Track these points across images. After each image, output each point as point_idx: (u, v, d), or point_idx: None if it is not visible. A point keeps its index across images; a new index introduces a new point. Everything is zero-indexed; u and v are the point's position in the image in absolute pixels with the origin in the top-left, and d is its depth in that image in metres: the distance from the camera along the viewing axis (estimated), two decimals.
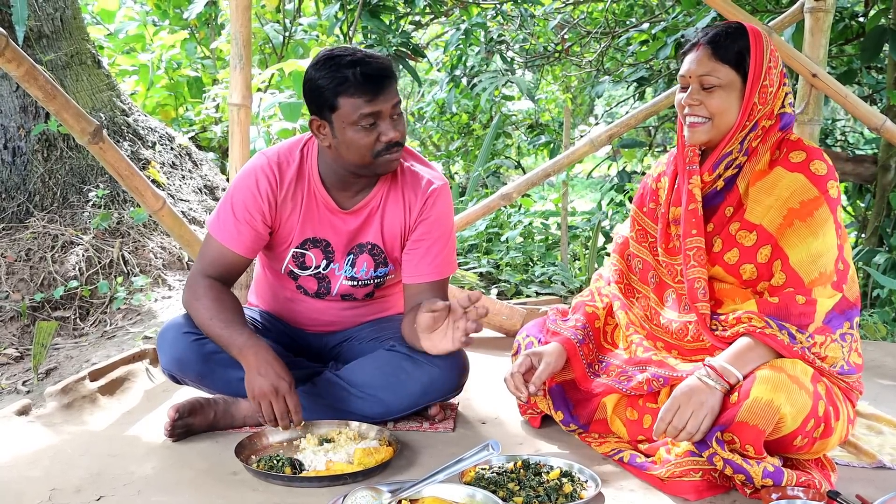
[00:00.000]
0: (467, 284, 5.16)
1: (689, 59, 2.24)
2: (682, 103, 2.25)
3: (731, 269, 2.25)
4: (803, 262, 2.15)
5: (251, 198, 2.48)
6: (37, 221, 4.45)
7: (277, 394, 2.26)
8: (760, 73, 2.18)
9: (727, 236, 2.26)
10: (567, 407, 2.46)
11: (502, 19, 7.34)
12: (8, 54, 2.68)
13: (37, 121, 4.59)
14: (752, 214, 2.22)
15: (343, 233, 2.55)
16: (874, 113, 3.70)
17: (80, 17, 4.93)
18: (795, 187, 2.18)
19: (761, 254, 2.20)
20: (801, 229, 2.15)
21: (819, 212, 2.16)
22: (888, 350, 3.62)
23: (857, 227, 6.05)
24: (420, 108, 10.15)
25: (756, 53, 2.18)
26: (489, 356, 3.34)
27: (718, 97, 2.19)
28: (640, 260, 2.50)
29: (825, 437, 2.08)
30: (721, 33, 2.22)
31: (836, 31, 5.02)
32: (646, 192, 2.50)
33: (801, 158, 2.20)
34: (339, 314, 2.70)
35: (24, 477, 2.16)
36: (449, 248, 2.59)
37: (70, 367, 3.59)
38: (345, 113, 2.34)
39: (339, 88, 2.32)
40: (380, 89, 2.33)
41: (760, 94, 2.19)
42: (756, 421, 1.98)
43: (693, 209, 2.27)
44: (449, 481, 1.98)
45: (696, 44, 2.24)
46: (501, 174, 9.43)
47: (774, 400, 1.97)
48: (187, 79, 6.43)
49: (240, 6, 3.32)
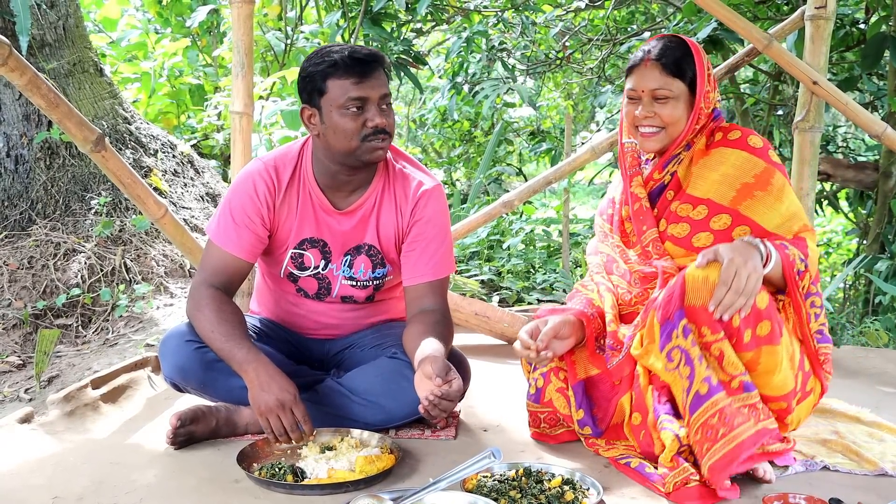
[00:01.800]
0: (469, 292, 5.16)
1: (640, 75, 2.40)
2: (638, 115, 2.41)
3: (681, 241, 2.38)
4: (781, 226, 2.31)
5: (249, 202, 2.51)
6: (39, 229, 4.46)
7: (284, 407, 2.26)
8: (704, 81, 2.39)
9: (670, 214, 2.41)
10: (588, 407, 2.44)
11: (504, 27, 7.36)
12: (11, 63, 2.69)
13: (39, 129, 4.60)
14: (695, 189, 2.38)
15: (339, 233, 2.57)
16: (875, 120, 3.70)
17: (82, 26, 4.94)
18: (740, 163, 2.35)
19: (716, 222, 2.34)
20: (766, 198, 2.31)
21: (774, 179, 2.33)
22: (890, 357, 3.62)
23: (858, 234, 6.05)
24: (422, 115, 10.17)
25: (699, 65, 2.39)
26: (491, 364, 3.34)
27: (671, 108, 2.38)
28: (605, 255, 2.60)
29: (771, 341, 2.11)
30: (665, 48, 2.39)
31: (836, 38, 5.03)
32: (607, 203, 2.67)
33: (738, 136, 2.40)
34: (340, 317, 2.70)
35: (26, 485, 2.16)
36: (445, 248, 2.60)
37: (72, 374, 3.59)
38: (333, 96, 2.39)
39: (327, 71, 2.38)
40: (368, 73, 2.38)
41: (705, 99, 2.40)
42: (702, 300, 2.09)
43: (638, 208, 2.46)
44: (450, 489, 1.98)
45: (643, 59, 2.40)
46: (503, 181, 9.44)
47: (710, 275, 2.08)
48: (189, 86, 6.44)
49: (242, 14, 3.33)
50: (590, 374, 2.46)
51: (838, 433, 2.50)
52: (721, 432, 2.06)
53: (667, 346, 2.17)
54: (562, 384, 2.48)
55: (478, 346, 3.67)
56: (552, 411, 2.51)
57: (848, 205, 6.38)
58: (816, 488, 2.14)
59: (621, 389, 2.38)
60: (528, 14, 7.09)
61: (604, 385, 2.43)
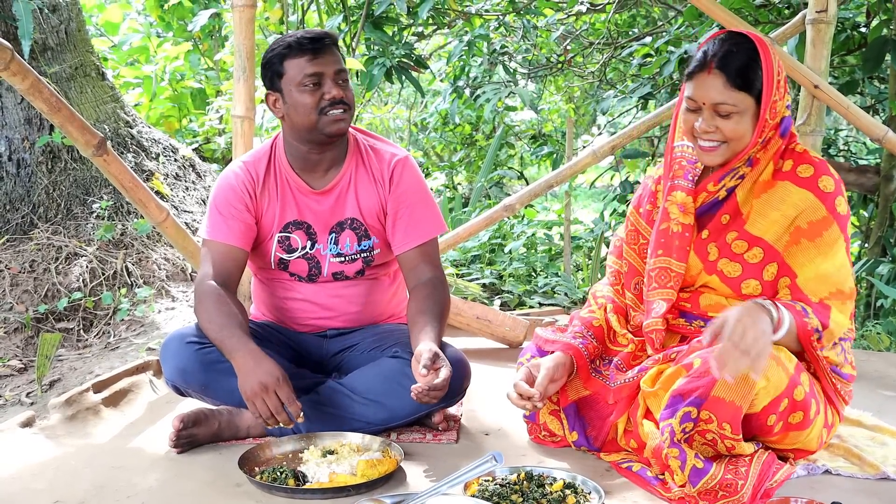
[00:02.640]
0: (470, 295, 5.16)
1: (701, 85, 2.15)
2: (698, 128, 2.18)
3: (730, 281, 2.23)
4: (810, 281, 2.14)
5: (232, 193, 2.63)
6: (41, 233, 4.47)
7: (268, 390, 2.29)
8: (772, 91, 2.15)
9: (723, 245, 2.24)
10: (582, 427, 2.42)
11: (505, 30, 7.36)
12: (13, 67, 2.70)
13: (41, 132, 4.61)
14: (753, 227, 2.20)
15: (320, 213, 2.66)
16: (876, 124, 3.70)
17: (84, 30, 4.95)
18: (804, 206, 2.15)
19: (768, 271, 2.19)
20: (810, 249, 2.14)
21: (828, 232, 2.14)
22: (892, 361, 3.61)
23: (860, 238, 6.05)
24: (423, 118, 10.18)
25: (767, 72, 2.14)
26: (492, 367, 3.34)
27: (735, 122, 2.14)
28: (627, 263, 2.48)
29: (801, 427, 2.09)
30: (730, 53, 2.13)
31: (837, 41, 5.02)
32: (645, 192, 2.48)
33: (810, 174, 2.17)
34: (336, 297, 2.72)
35: (28, 489, 2.16)
36: (430, 210, 2.69)
37: (74, 378, 3.60)
38: (291, 76, 2.51)
39: (283, 52, 2.52)
40: (321, 50, 2.51)
41: (771, 110, 2.16)
42: (732, 396, 1.97)
43: (664, 229, 2.27)
44: (452, 493, 1.98)
45: (705, 65, 2.14)
46: (504, 185, 9.44)
47: (750, 375, 1.95)
48: (191, 90, 6.45)
49: (243, 18, 3.33)
50: (582, 395, 2.45)
51: (840, 437, 2.49)
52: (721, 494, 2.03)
53: (664, 419, 2.09)
54: (554, 406, 2.47)
55: (479, 349, 3.67)
56: (549, 431, 2.50)
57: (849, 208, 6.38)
58: (818, 492, 2.14)
59: (617, 410, 2.36)
60: (530, 18, 7.09)
61: (598, 405, 2.41)
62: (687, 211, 2.27)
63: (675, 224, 2.28)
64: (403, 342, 2.58)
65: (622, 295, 2.51)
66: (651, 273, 2.30)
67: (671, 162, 2.32)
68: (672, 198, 2.28)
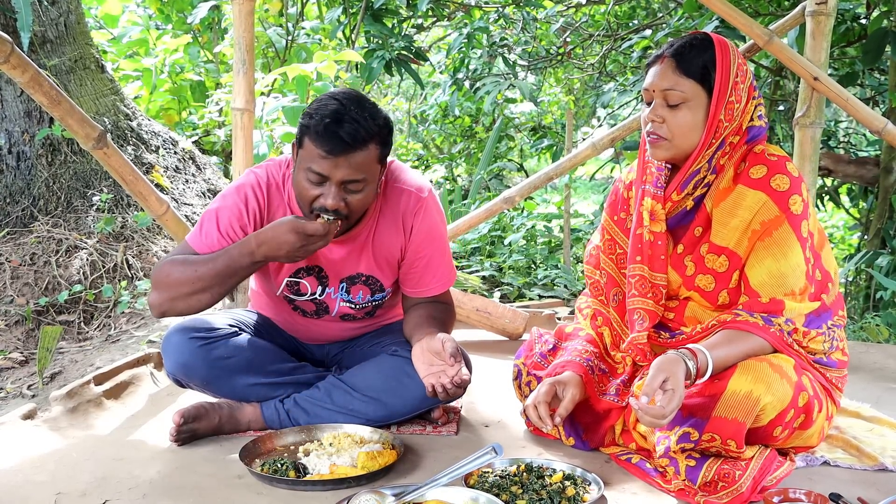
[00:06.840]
0: (470, 288, 5.17)
1: (653, 72, 2.14)
2: (645, 118, 2.16)
3: (708, 295, 2.20)
4: (764, 285, 2.10)
5: (238, 214, 2.43)
6: (41, 226, 4.47)
7: (297, 231, 2.24)
8: (727, 88, 2.10)
9: (698, 258, 2.20)
10: (577, 432, 2.42)
11: (504, 23, 7.36)
12: (13, 60, 2.70)
13: (41, 125, 4.60)
14: (717, 237, 2.16)
15: (333, 262, 2.53)
16: (875, 116, 3.70)
17: (83, 22, 4.94)
18: (757, 207, 2.09)
19: (733, 279, 2.16)
20: (760, 251, 2.11)
21: (778, 232, 2.08)
22: (891, 353, 3.62)
23: (860, 230, 6.05)
24: (423, 111, 10.17)
25: (722, 68, 2.09)
26: (492, 359, 3.34)
27: (683, 114, 2.10)
28: (605, 273, 2.44)
29: (804, 427, 2.09)
30: (686, 45, 2.12)
31: (837, 33, 5.03)
32: (618, 199, 2.43)
33: (762, 174, 2.11)
34: (339, 332, 2.71)
35: (29, 481, 2.17)
36: (447, 259, 2.61)
37: (75, 371, 3.60)
38: (304, 154, 2.29)
39: (307, 126, 2.27)
40: (339, 152, 2.23)
41: (727, 110, 2.10)
42: (735, 414, 1.95)
43: (639, 234, 2.23)
44: (452, 485, 1.99)
45: (660, 56, 2.14)
46: (504, 177, 9.44)
47: (754, 391, 1.95)
48: (190, 83, 6.44)
49: (243, 11, 3.33)
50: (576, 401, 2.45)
51: (838, 428, 2.50)
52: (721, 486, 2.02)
53: (662, 429, 2.07)
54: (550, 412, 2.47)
55: (479, 342, 3.68)
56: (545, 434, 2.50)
57: (849, 200, 6.39)
58: (817, 483, 2.14)
59: (612, 415, 2.36)
60: (529, 10, 7.09)
61: (593, 410, 2.41)
62: (657, 218, 2.23)
63: (647, 232, 2.23)
64: (403, 340, 2.57)
65: (606, 306, 2.49)
66: (631, 279, 2.26)
67: (643, 166, 2.27)
68: (644, 204, 2.23)
